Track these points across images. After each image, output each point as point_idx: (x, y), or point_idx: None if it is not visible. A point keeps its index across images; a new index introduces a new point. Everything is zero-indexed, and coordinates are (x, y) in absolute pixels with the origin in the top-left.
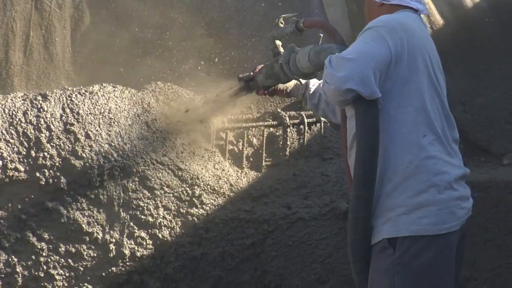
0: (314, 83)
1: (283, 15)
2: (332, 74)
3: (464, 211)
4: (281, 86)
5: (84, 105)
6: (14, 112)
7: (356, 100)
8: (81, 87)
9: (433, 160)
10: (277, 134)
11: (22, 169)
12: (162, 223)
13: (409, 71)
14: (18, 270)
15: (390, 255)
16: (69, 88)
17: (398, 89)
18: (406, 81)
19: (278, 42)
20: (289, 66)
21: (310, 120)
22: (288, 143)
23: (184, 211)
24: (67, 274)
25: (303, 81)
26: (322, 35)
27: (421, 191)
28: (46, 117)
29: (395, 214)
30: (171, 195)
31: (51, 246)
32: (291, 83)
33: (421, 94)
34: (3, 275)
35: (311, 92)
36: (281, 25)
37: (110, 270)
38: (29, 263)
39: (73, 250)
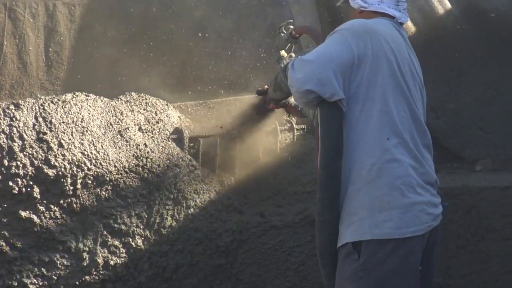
0: None
1: (282, 24)
2: (292, 76)
3: (430, 217)
4: (292, 103)
5: (57, 114)
6: None
7: (320, 103)
8: (54, 96)
9: (396, 163)
10: (251, 142)
11: None
12: (135, 232)
13: (373, 74)
14: None
15: (355, 260)
16: (42, 97)
17: (362, 92)
18: (370, 84)
19: (283, 53)
20: (286, 74)
21: (283, 127)
22: (261, 151)
23: (157, 220)
24: (40, 283)
25: None
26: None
27: (384, 194)
28: (19, 126)
29: (359, 217)
30: (144, 203)
31: (24, 255)
32: None
33: (386, 97)
34: None
35: None
36: (282, 35)
37: (83, 279)
38: (2, 272)
39: (47, 259)
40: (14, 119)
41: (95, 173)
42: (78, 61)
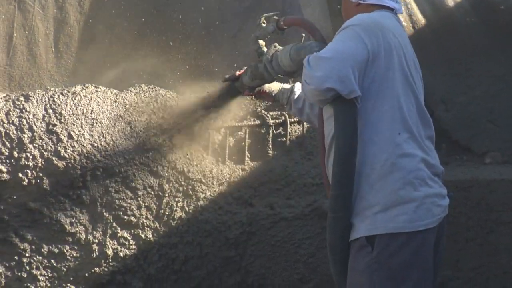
0: (299, 88)
1: (264, 15)
2: (310, 74)
3: (440, 209)
4: (266, 89)
5: (67, 105)
6: None
7: (335, 100)
8: (64, 87)
9: (408, 158)
10: (260, 134)
11: (5, 170)
12: (144, 224)
13: (385, 69)
14: (1, 271)
15: (368, 253)
16: (52, 89)
17: (375, 88)
18: (382, 79)
19: (262, 42)
20: (272, 65)
21: (293, 119)
22: (271, 143)
23: (166, 211)
24: (50, 275)
25: (288, 86)
26: (303, 34)
27: (397, 188)
28: (29, 118)
29: (372, 212)
30: (153, 195)
31: (34, 247)
32: (276, 87)
33: (396, 92)
34: None
35: (295, 96)
36: (263, 25)
37: (93, 271)
38: (12, 263)
39: (56, 250)
40: (24, 110)
41: (105, 164)
42: (87, 52)
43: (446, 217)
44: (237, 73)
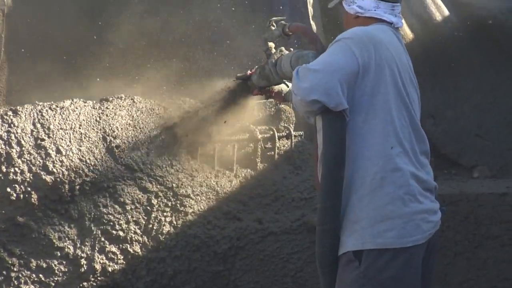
0: None
1: (273, 18)
2: (298, 85)
3: (430, 225)
4: (276, 89)
5: (55, 120)
6: None
7: (323, 112)
8: (52, 102)
9: (399, 172)
10: (248, 148)
11: None
12: (133, 238)
13: (376, 83)
14: None
15: (356, 268)
16: (40, 103)
17: (366, 101)
18: (374, 93)
19: (271, 44)
20: (276, 69)
21: (281, 134)
22: (259, 158)
23: (155, 226)
24: None
25: None
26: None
27: (386, 203)
28: (17, 132)
29: (361, 226)
30: (142, 210)
31: (22, 261)
32: (286, 87)
33: (388, 106)
34: None
35: None
36: (272, 28)
37: (81, 285)
38: (0, 278)
39: (44, 265)
40: (12, 125)
41: (93, 179)
42: (74, 67)
43: (438, 231)
44: (249, 72)
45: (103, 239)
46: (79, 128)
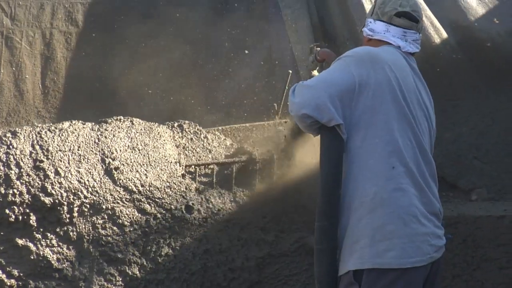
0: None
1: (313, 44)
2: (292, 100)
3: (432, 248)
4: None
5: (54, 142)
6: None
7: (320, 129)
8: (51, 124)
9: (400, 192)
10: (247, 171)
11: None
12: (131, 260)
13: (376, 102)
14: None
15: None
16: (39, 125)
17: (365, 120)
18: (373, 112)
19: (314, 73)
20: None
21: (280, 155)
22: (258, 179)
23: (153, 248)
24: None
25: None
26: (290, 71)
27: (386, 223)
28: (16, 154)
29: (360, 246)
30: (140, 232)
31: (20, 283)
32: None
33: (390, 126)
34: None
35: None
36: (310, 55)
37: None
38: None
39: (43, 286)
40: (11, 146)
41: (92, 201)
42: (74, 89)
43: (442, 258)
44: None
45: (101, 260)
46: (78, 150)
